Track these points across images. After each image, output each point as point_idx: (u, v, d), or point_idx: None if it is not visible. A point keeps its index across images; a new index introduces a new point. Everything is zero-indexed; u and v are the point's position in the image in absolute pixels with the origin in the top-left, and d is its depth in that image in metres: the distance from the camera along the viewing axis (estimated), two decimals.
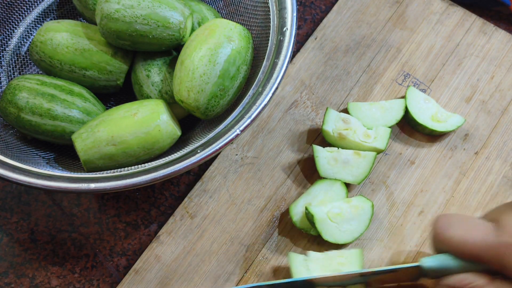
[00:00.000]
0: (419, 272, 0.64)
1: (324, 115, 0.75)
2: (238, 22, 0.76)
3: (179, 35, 0.69)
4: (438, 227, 0.63)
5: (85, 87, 0.72)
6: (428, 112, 0.77)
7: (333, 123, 0.75)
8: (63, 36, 0.71)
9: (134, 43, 0.69)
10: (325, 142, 0.77)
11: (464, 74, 0.82)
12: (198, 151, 0.62)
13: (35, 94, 0.68)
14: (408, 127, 0.78)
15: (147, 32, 0.68)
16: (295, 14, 0.70)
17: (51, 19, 0.81)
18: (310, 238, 0.72)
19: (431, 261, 0.63)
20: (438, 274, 0.63)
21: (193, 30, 0.73)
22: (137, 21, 0.67)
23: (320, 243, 0.71)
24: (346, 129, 0.74)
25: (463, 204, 0.74)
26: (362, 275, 0.65)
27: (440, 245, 0.63)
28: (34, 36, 0.74)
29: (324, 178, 0.73)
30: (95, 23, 0.75)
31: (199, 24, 0.74)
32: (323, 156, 0.73)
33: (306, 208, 0.69)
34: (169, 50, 0.73)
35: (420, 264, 0.63)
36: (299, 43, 0.84)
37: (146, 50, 0.71)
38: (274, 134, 0.78)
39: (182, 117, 0.73)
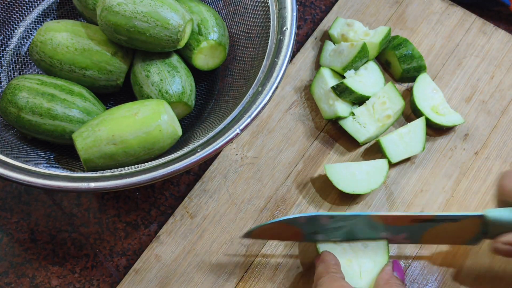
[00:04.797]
0: (481, 226, 0.62)
1: (333, 22, 0.83)
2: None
3: (176, 38, 0.69)
4: (505, 178, 0.62)
5: (85, 87, 0.72)
6: (431, 101, 0.77)
7: (339, 28, 0.82)
8: (63, 36, 0.71)
9: (131, 39, 0.69)
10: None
11: (464, 74, 0.82)
12: (198, 150, 0.62)
13: (35, 94, 0.68)
14: None
15: (145, 29, 0.68)
16: (295, 14, 0.70)
17: (51, 19, 0.81)
18: None
19: (495, 212, 0.61)
20: (500, 229, 0.61)
21: (192, 34, 0.73)
22: (137, 17, 0.67)
23: None
24: (348, 31, 0.81)
25: (463, 204, 0.74)
26: (417, 219, 0.62)
27: (505, 197, 0.62)
28: (34, 36, 0.74)
29: None
30: (95, 23, 0.75)
31: (199, 26, 0.74)
32: (329, 48, 0.81)
33: None
34: (167, 51, 0.73)
35: (484, 213, 0.62)
36: (299, 43, 0.84)
37: (142, 49, 0.71)
38: (274, 134, 0.78)
39: (182, 116, 0.73)
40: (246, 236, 0.67)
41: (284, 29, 0.69)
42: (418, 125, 0.75)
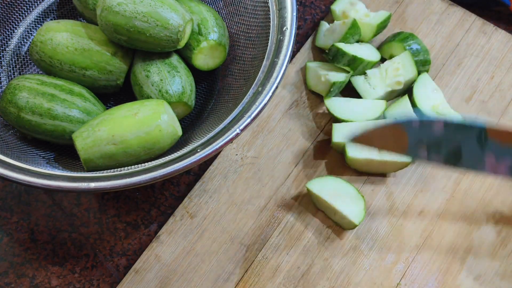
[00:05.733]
0: None
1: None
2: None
3: (176, 38, 0.69)
4: None
5: (85, 87, 0.72)
6: (431, 101, 0.77)
7: (341, 5, 0.84)
8: (63, 36, 0.71)
9: (131, 39, 0.69)
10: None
11: (464, 74, 0.82)
12: (198, 150, 0.62)
13: (35, 94, 0.68)
14: None
15: (145, 29, 0.68)
16: (295, 14, 0.70)
17: (51, 19, 0.81)
18: (309, 239, 0.72)
19: None
20: None
21: (192, 34, 0.73)
22: (137, 17, 0.67)
23: (319, 243, 0.71)
24: (350, 9, 0.83)
25: (463, 204, 0.74)
26: None
27: None
28: (34, 36, 0.74)
29: None
30: (95, 23, 0.75)
31: (199, 26, 0.74)
32: (323, 29, 0.83)
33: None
34: (167, 51, 0.73)
35: None
36: (299, 43, 0.84)
37: (142, 49, 0.71)
38: (274, 134, 0.78)
39: (182, 116, 0.73)
40: (353, 140, 0.62)
41: (284, 29, 0.69)
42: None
